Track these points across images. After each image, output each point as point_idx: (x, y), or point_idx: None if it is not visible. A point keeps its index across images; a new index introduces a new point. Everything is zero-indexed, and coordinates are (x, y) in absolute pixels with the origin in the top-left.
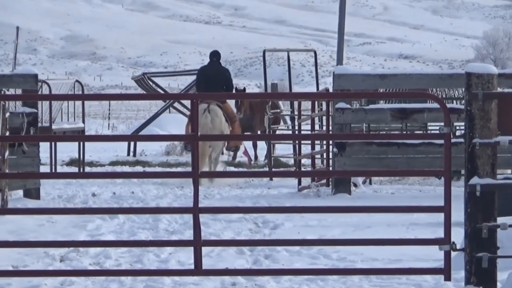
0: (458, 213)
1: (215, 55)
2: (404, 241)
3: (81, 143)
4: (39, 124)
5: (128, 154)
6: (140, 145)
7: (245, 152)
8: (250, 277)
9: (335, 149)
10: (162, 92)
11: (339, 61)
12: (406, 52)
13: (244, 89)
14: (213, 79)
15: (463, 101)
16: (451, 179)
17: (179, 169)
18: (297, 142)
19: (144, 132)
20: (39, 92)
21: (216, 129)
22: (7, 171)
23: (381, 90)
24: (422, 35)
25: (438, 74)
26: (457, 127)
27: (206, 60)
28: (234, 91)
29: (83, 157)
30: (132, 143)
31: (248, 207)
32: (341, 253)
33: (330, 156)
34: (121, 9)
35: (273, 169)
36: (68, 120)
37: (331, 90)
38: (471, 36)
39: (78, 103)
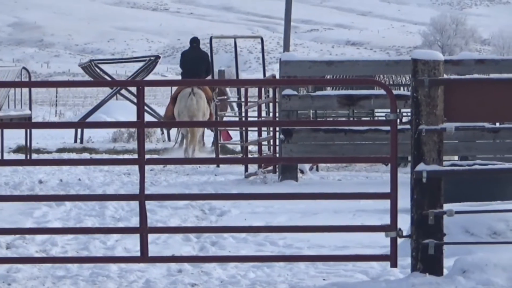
0: (404, 199)
1: (194, 41)
2: (351, 228)
3: (28, 130)
4: None
5: (75, 141)
6: (87, 132)
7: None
8: (196, 264)
9: (281, 136)
10: (109, 79)
11: (286, 47)
12: (354, 38)
13: None
14: (194, 62)
15: (410, 88)
16: (398, 165)
17: (126, 156)
18: (244, 128)
19: (91, 119)
20: None
21: (200, 110)
22: None
23: (328, 77)
24: (369, 21)
25: (384, 61)
26: (404, 114)
27: (154, 47)
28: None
29: (30, 144)
30: (79, 130)
31: (195, 194)
32: (288, 240)
33: (277, 143)
34: None
35: (220, 156)
36: (15, 107)
37: (278, 76)
38: (418, 22)
39: (25, 90)
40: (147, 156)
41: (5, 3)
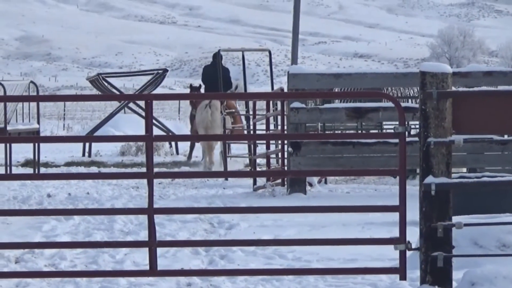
0: (413, 212)
1: (216, 56)
2: (360, 241)
3: (36, 144)
4: None
5: (83, 155)
6: (95, 146)
7: None
8: (205, 278)
9: (290, 149)
10: (117, 92)
11: (294, 60)
12: (361, 51)
13: (200, 86)
14: (214, 77)
15: (418, 100)
16: (406, 178)
17: (134, 170)
18: (252, 142)
19: (99, 132)
20: None
21: (215, 121)
22: None
23: (336, 90)
24: (377, 33)
25: (392, 73)
26: (413, 126)
27: (161, 60)
28: (189, 89)
29: (38, 158)
30: (87, 144)
31: (203, 207)
32: (297, 253)
33: (285, 156)
34: (76, 10)
35: (228, 169)
36: (23, 121)
37: (286, 89)
38: (426, 34)
39: (33, 104)
40: (155, 170)
41: (12, 17)
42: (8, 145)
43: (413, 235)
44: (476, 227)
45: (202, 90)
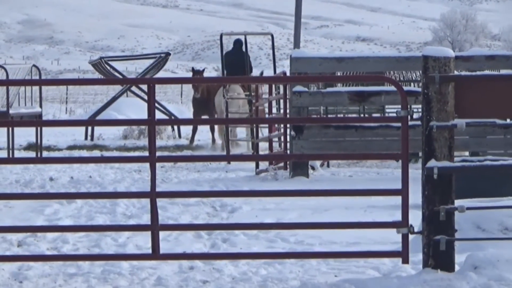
0: (416, 195)
1: (237, 43)
2: (362, 224)
3: (39, 127)
4: None
5: (86, 138)
6: (98, 129)
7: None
8: (208, 261)
9: (292, 133)
10: (119, 76)
11: (296, 44)
12: (364, 34)
13: (203, 70)
14: (235, 62)
15: (420, 84)
16: (409, 161)
17: (136, 153)
18: (254, 125)
19: (101, 116)
20: None
21: (234, 103)
22: None
23: (339, 73)
24: (379, 17)
25: (395, 57)
26: (415, 110)
27: (164, 44)
28: (192, 72)
29: (41, 142)
30: (89, 127)
31: (206, 191)
32: (299, 237)
33: (288, 140)
34: None
35: (231, 153)
36: (25, 104)
37: (288, 73)
38: (428, 18)
39: (36, 87)
40: (158, 153)
41: (15, 1)
42: (10, 129)
43: (416, 219)
44: (479, 210)
45: (205, 74)
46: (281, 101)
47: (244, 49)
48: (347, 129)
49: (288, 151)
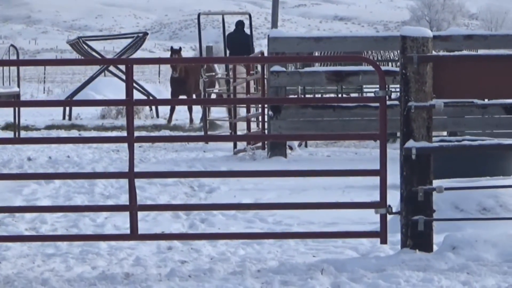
0: (394, 175)
1: (240, 24)
2: (340, 205)
3: (17, 108)
4: None
5: (64, 118)
6: (76, 109)
7: None
8: (186, 241)
9: (270, 113)
10: (97, 55)
11: (274, 23)
12: (341, 13)
13: (180, 48)
14: (238, 43)
15: (398, 63)
16: (387, 141)
17: (114, 133)
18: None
19: (79, 95)
20: None
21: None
22: None
23: (317, 53)
24: None
25: (373, 37)
26: (393, 89)
27: (141, 23)
28: (170, 51)
29: (19, 122)
30: (67, 107)
31: (184, 171)
32: (277, 217)
33: (266, 119)
34: None
35: (209, 132)
36: (3, 84)
37: (266, 52)
38: None
39: (13, 67)
40: (136, 133)
41: None
42: None
43: (394, 199)
44: (457, 191)
45: (182, 53)
46: (259, 80)
47: (246, 31)
48: (325, 109)
49: (266, 131)
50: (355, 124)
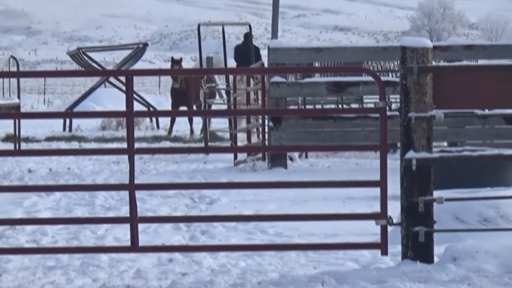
0: (394, 186)
1: (248, 36)
2: (341, 216)
3: (17, 119)
4: None
5: (64, 129)
6: (76, 120)
7: None
8: (187, 253)
9: (270, 123)
10: (97, 66)
11: (274, 34)
12: (342, 24)
13: (181, 59)
14: (246, 55)
15: (398, 74)
16: (387, 152)
17: (114, 144)
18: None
19: (79, 107)
20: None
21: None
22: None
23: (317, 64)
24: (357, 6)
25: (373, 47)
26: (393, 100)
27: (141, 34)
28: (171, 62)
29: (19, 133)
30: (68, 119)
31: (184, 183)
32: (278, 228)
33: (266, 130)
34: None
35: (209, 144)
36: (3, 95)
37: (266, 63)
38: (406, 7)
39: (14, 78)
40: (136, 145)
41: None
42: None
43: (395, 210)
44: (458, 202)
45: (183, 64)
46: (259, 91)
47: (252, 42)
48: (325, 120)
49: (267, 142)
50: (355, 135)
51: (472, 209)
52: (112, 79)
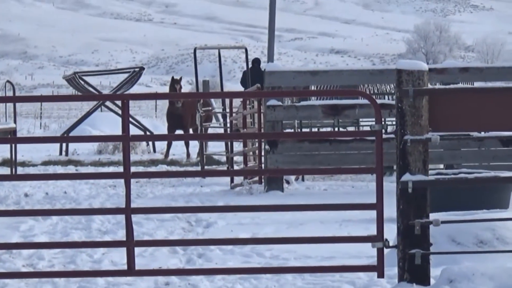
0: (391, 208)
1: (256, 61)
2: (337, 239)
3: (13, 143)
4: None
5: (60, 154)
6: (72, 145)
7: None
8: (183, 277)
9: (267, 147)
10: (93, 91)
11: (270, 57)
12: (338, 47)
13: (181, 78)
14: (253, 80)
15: (394, 97)
16: (383, 174)
17: (111, 168)
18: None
19: (76, 131)
20: None
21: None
22: None
23: (313, 87)
24: (353, 29)
25: (369, 70)
26: (389, 123)
27: (138, 58)
28: (171, 81)
29: (15, 158)
30: (64, 143)
31: (181, 206)
32: (274, 251)
33: (262, 154)
34: (52, 8)
35: (206, 167)
36: (0, 120)
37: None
38: (402, 30)
39: (10, 103)
40: (132, 168)
41: None
42: None
43: (391, 232)
44: (454, 224)
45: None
46: (256, 114)
47: (260, 68)
48: (322, 143)
49: (263, 166)
50: (351, 158)
51: (468, 231)
52: (108, 103)
